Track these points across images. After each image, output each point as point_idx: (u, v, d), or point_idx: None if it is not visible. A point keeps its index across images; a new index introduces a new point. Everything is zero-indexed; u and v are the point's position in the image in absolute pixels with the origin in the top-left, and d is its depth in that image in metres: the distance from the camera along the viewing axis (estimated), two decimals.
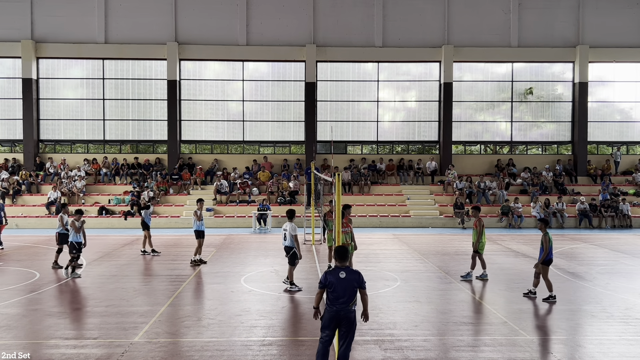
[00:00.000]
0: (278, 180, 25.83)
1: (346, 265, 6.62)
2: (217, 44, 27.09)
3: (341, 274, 6.51)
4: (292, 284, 11.63)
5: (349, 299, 6.47)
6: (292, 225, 11.55)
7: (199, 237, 14.57)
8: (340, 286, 6.44)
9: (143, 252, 16.25)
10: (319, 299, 6.76)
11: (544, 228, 10.79)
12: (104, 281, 12.56)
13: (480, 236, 12.48)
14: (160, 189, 25.30)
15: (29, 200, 24.82)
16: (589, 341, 8.39)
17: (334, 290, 6.46)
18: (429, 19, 27.37)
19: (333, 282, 6.47)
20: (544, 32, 27.49)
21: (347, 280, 6.47)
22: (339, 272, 6.53)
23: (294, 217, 11.96)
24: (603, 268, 14.21)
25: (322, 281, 6.58)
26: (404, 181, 27.05)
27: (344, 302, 6.43)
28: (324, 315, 6.56)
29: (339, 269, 6.56)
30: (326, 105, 27.85)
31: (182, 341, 8.32)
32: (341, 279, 6.46)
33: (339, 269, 6.56)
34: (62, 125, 27.59)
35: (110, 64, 27.36)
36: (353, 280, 6.51)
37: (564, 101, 28.21)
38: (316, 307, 6.80)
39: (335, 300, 6.46)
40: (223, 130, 28.01)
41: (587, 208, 24.19)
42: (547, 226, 10.84)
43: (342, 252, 6.61)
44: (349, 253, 6.71)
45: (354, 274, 6.56)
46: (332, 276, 6.51)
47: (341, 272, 6.52)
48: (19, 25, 26.72)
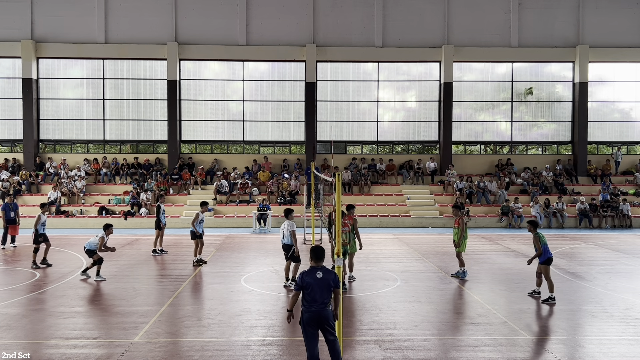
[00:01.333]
0: (278, 180, 25.84)
1: (322, 265, 6.62)
2: (217, 44, 27.10)
3: (318, 274, 6.50)
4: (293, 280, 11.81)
5: (327, 299, 6.47)
6: (289, 223, 11.71)
7: (195, 237, 14.51)
8: (318, 286, 6.42)
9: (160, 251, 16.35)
10: (294, 302, 6.72)
11: (533, 229, 10.90)
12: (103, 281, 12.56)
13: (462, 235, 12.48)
14: (160, 189, 25.30)
15: (29, 200, 24.82)
16: (589, 341, 8.39)
17: (311, 291, 6.43)
18: (429, 19, 27.37)
19: (310, 282, 6.44)
20: (544, 32, 27.50)
21: (324, 279, 6.47)
22: (315, 272, 6.52)
23: (291, 215, 12.08)
24: (603, 268, 14.21)
25: (299, 283, 6.53)
26: (404, 181, 27.05)
27: (321, 302, 6.43)
28: (303, 316, 6.49)
29: (316, 269, 6.55)
30: (326, 105, 27.86)
31: (182, 341, 8.32)
32: (318, 279, 6.46)
33: (316, 269, 6.55)
34: (62, 125, 27.59)
35: (111, 64, 27.36)
36: (329, 280, 6.50)
37: (564, 101, 28.21)
38: (290, 309, 6.78)
39: (312, 301, 6.43)
40: (223, 130, 28.02)
41: (587, 208, 24.19)
42: (535, 227, 10.91)
43: (318, 252, 6.62)
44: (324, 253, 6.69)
45: (331, 274, 6.56)
46: (309, 277, 6.48)
47: (318, 272, 6.52)
48: (19, 25, 26.73)
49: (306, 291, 6.47)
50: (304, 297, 6.52)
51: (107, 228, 12.75)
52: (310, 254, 6.66)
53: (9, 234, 17.47)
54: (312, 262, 6.65)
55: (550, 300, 10.55)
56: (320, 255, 6.63)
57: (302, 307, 6.52)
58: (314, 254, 6.63)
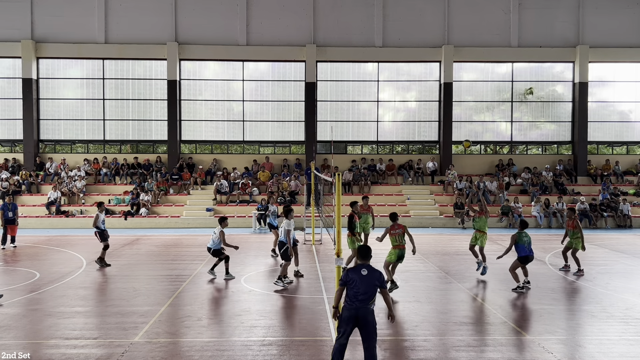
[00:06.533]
0: (278, 180, 25.83)
1: (368, 264, 6.66)
2: (217, 44, 27.09)
3: (363, 271, 6.52)
4: (280, 279, 11.81)
5: (369, 297, 6.45)
6: (287, 222, 11.95)
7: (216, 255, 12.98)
8: (362, 283, 6.43)
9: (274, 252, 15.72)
10: (339, 298, 6.71)
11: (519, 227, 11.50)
12: (103, 281, 12.58)
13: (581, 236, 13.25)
14: (161, 189, 25.30)
15: (29, 200, 24.81)
16: (589, 341, 8.39)
17: (354, 286, 6.44)
18: (429, 19, 27.36)
19: (355, 278, 6.47)
20: (544, 32, 27.49)
21: (368, 277, 6.48)
22: (360, 269, 6.55)
23: (291, 215, 12.16)
24: (603, 268, 14.20)
25: (343, 278, 6.59)
26: (404, 181, 27.05)
27: (363, 299, 6.40)
28: (342, 313, 6.50)
29: (361, 266, 6.58)
30: (326, 105, 27.85)
31: (182, 341, 8.32)
32: (363, 275, 6.48)
33: (361, 266, 6.58)
34: (62, 125, 27.58)
35: (111, 64, 27.35)
36: (374, 279, 6.51)
37: (564, 101, 28.20)
38: (335, 306, 6.74)
39: (354, 297, 6.42)
40: (223, 130, 28.01)
41: (587, 208, 24.18)
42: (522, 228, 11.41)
43: (364, 251, 6.70)
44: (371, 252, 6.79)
45: (376, 272, 6.58)
46: (354, 273, 6.51)
47: (363, 269, 6.54)
48: (19, 25, 26.72)
49: (349, 286, 6.50)
50: (347, 293, 6.54)
51: (222, 221, 12.60)
52: (358, 252, 6.77)
53: (8, 234, 17.47)
54: (358, 260, 6.74)
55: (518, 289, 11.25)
56: (367, 254, 6.69)
57: (344, 303, 6.53)
58: (360, 252, 6.73)
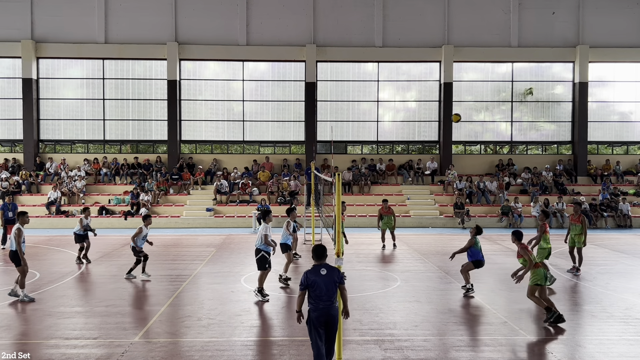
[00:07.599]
0: (278, 180, 25.83)
1: (325, 263, 6.70)
2: (217, 44, 27.08)
3: (322, 271, 6.59)
4: (258, 292, 10.67)
5: (332, 295, 6.54)
6: (264, 226, 10.70)
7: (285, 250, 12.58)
8: (323, 283, 6.49)
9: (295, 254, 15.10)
10: (302, 301, 6.76)
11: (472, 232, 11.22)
12: (104, 281, 12.58)
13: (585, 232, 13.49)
14: (160, 189, 25.30)
15: (29, 200, 24.80)
16: (589, 341, 8.39)
17: (316, 287, 6.49)
18: (429, 19, 27.36)
19: (315, 280, 6.51)
20: (544, 32, 27.48)
21: (328, 276, 6.55)
22: (319, 269, 6.60)
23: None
24: (603, 268, 14.21)
25: (303, 282, 6.60)
26: (404, 181, 27.04)
27: (327, 299, 6.49)
28: (310, 315, 6.53)
29: (319, 267, 6.63)
30: (326, 105, 27.85)
31: (182, 341, 8.32)
32: (323, 275, 6.54)
33: (319, 267, 6.63)
34: (62, 125, 27.58)
35: (111, 64, 27.35)
36: (334, 276, 6.58)
37: (564, 101, 28.20)
38: (299, 310, 6.80)
39: (318, 298, 6.49)
40: (223, 130, 28.01)
41: (587, 208, 24.18)
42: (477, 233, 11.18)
43: (320, 250, 6.70)
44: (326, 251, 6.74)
45: (334, 270, 6.66)
46: (313, 275, 6.56)
47: (322, 269, 6.60)
48: (19, 25, 26.71)
49: (311, 289, 6.53)
50: (309, 295, 6.57)
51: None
52: (313, 252, 6.71)
53: (8, 234, 17.46)
54: (314, 260, 6.70)
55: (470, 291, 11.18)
56: (322, 254, 6.69)
57: (309, 305, 6.56)
58: (315, 252, 6.69)
